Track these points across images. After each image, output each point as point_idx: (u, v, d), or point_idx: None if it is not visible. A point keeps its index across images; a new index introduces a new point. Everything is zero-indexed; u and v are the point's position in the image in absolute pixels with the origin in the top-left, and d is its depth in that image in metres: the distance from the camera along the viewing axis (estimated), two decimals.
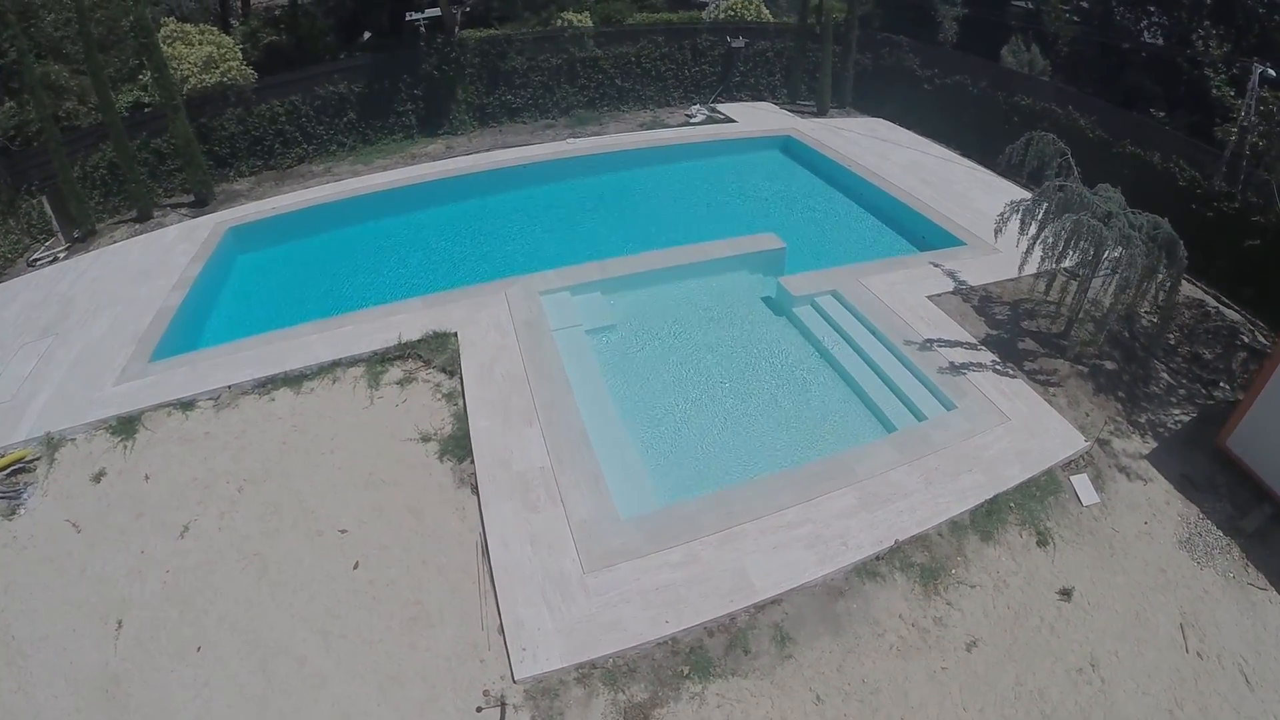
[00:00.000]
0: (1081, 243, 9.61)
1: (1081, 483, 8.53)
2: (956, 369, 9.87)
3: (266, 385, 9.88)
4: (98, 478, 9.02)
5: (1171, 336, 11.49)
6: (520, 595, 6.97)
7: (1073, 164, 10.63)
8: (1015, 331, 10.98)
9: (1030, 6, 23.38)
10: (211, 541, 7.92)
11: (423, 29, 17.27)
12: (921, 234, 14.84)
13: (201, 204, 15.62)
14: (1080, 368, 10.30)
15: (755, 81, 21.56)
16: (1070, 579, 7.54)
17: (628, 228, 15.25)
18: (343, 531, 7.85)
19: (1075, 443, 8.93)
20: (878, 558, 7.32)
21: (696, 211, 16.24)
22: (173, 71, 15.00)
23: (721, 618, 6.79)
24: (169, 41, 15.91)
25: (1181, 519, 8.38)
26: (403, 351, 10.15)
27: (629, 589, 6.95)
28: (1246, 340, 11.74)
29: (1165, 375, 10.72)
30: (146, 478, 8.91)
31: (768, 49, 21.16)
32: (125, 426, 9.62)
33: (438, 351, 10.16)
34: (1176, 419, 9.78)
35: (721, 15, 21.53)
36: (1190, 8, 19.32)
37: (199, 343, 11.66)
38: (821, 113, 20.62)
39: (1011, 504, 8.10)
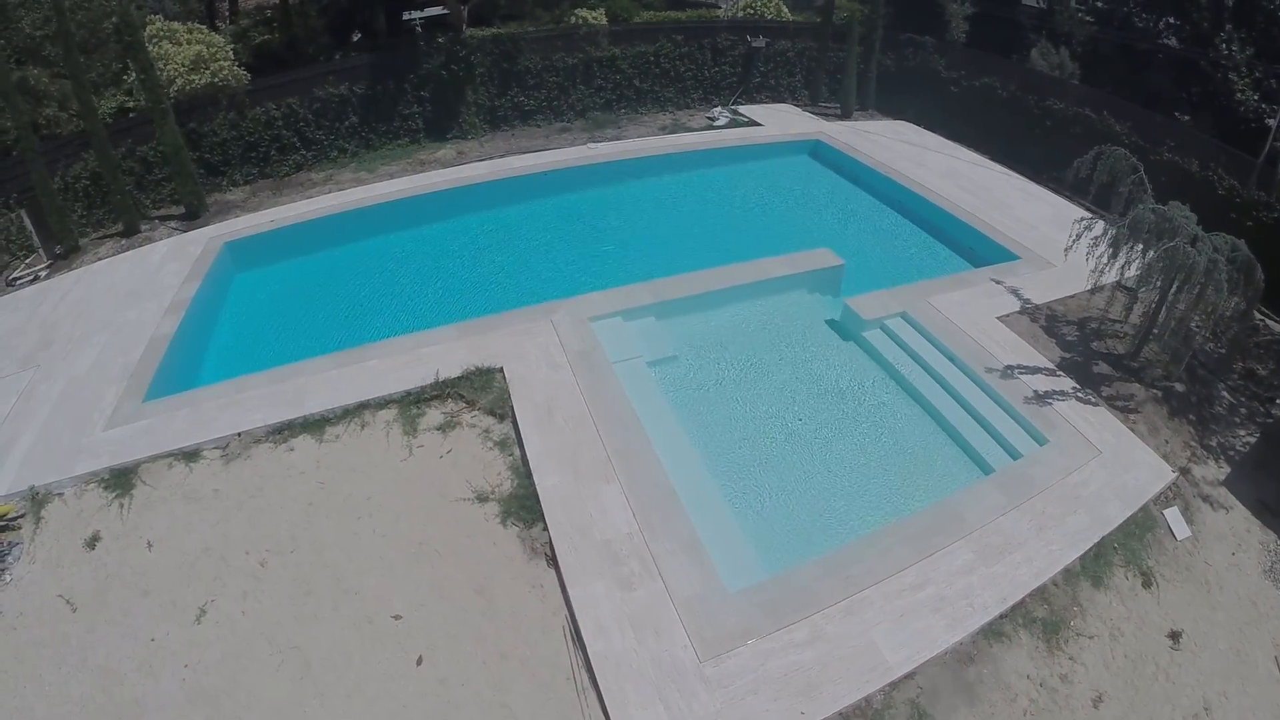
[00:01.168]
0: (1176, 275, 9.09)
1: (1174, 516, 8.29)
2: (1041, 398, 9.34)
3: (283, 431, 8.68)
4: (91, 542, 7.81)
5: (1222, 350, 11.03)
6: (631, 694, 5.94)
7: (1146, 181, 10.23)
8: (1087, 353, 10.46)
9: (1042, 6, 22.81)
10: (235, 628, 6.74)
11: (419, 29, 15.99)
12: (970, 245, 14.09)
13: (192, 216, 14.28)
14: (1154, 391, 9.91)
15: (775, 83, 20.64)
16: (1177, 620, 7.37)
17: (663, 240, 14.26)
18: (397, 618, 6.70)
19: (1164, 474, 8.62)
20: (1002, 616, 6.85)
21: (731, 222, 15.32)
22: (159, 72, 13.63)
23: (858, 702, 6.08)
24: (155, 40, 14.52)
25: (1263, 547, 8.28)
26: (441, 390, 9.00)
27: (754, 677, 6.10)
28: None
29: (1226, 395, 10.41)
30: (149, 545, 7.70)
31: (788, 49, 20.25)
32: (120, 480, 8.40)
33: (482, 390, 9.02)
34: (1244, 440, 9.60)
35: (740, 13, 20.54)
36: (1211, 10, 18.78)
37: (199, 378, 10.43)
38: (845, 115, 19.78)
39: (1115, 545, 7.75)
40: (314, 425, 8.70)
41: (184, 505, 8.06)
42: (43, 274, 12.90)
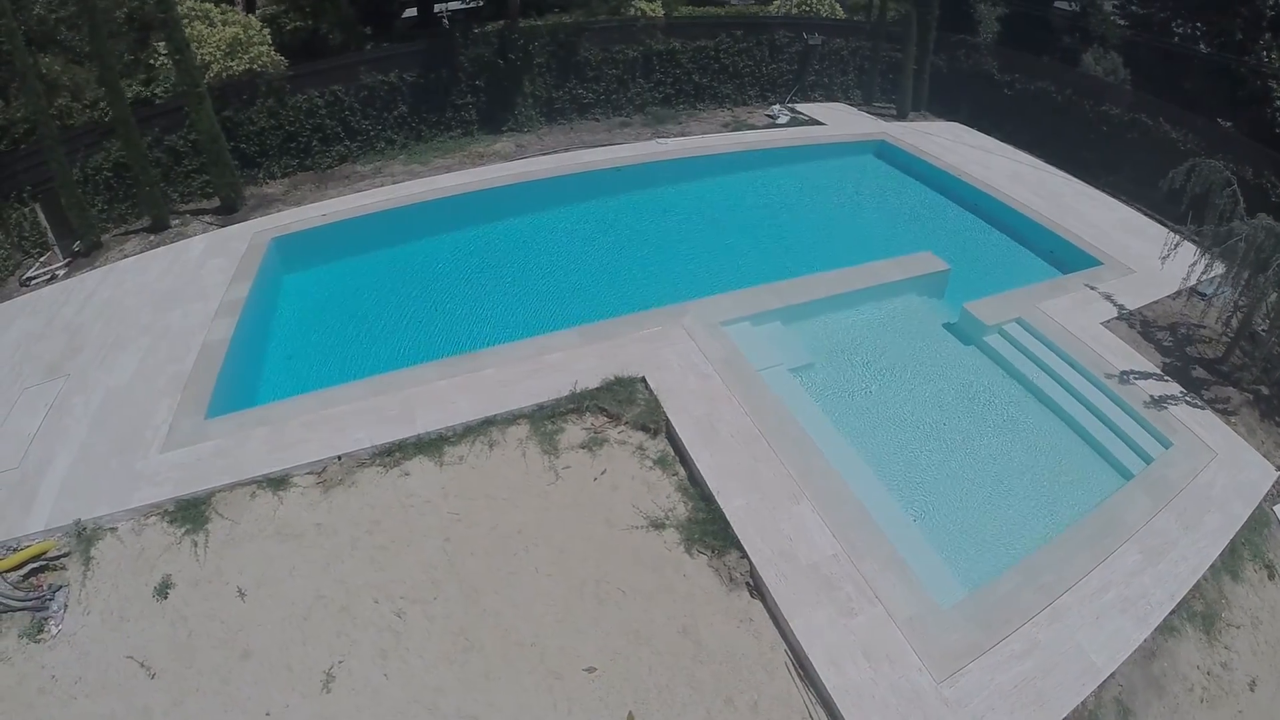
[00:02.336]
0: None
1: None
2: (1156, 402, 9.41)
3: (393, 453, 7.27)
4: (163, 590, 6.37)
5: None
6: None
7: (1240, 196, 10.19)
8: (1184, 358, 10.55)
9: (1075, 8, 22.50)
10: (381, 697, 5.31)
11: (446, 22, 14.85)
12: (1051, 249, 13.49)
13: (229, 210, 12.78)
14: (1246, 395, 10.01)
15: (829, 81, 19.85)
16: None
17: (749, 241, 13.26)
18: (591, 671, 5.36)
19: (1269, 473, 8.74)
20: (1172, 612, 6.98)
21: (812, 221, 14.50)
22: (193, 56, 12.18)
23: (1078, 706, 5.96)
24: (187, 21, 13.06)
25: None
26: (578, 403, 7.68)
27: (989, 693, 5.84)
28: None
29: None
30: (241, 594, 6.22)
31: (842, 47, 19.45)
32: (189, 513, 6.97)
33: (625, 403, 7.77)
34: None
35: (794, 9, 19.72)
36: (1249, 17, 18.46)
37: (266, 391, 9.01)
38: (901, 115, 19.01)
39: (1243, 541, 7.87)
40: (430, 446, 7.30)
41: (279, 544, 6.61)
42: (60, 273, 11.33)
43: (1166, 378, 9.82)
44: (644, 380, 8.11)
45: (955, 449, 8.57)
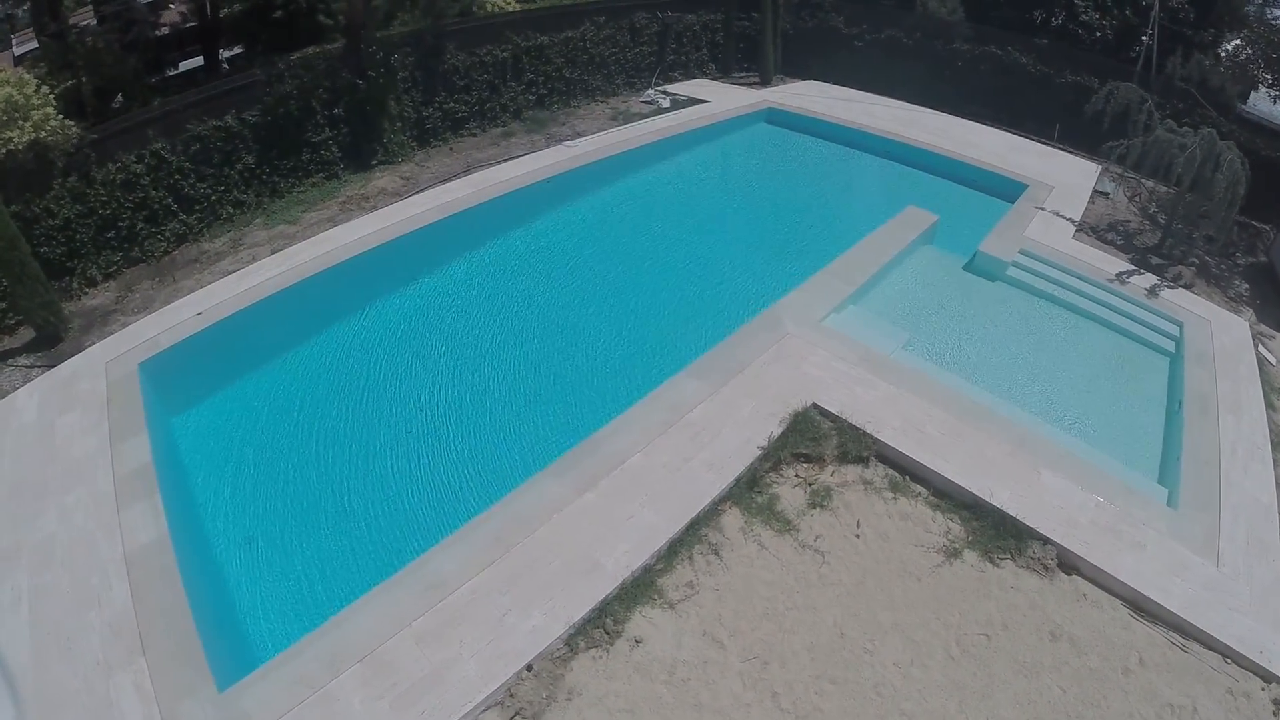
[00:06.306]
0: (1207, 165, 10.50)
1: (1263, 351, 9.72)
2: (1150, 291, 10.45)
3: (599, 623, 5.28)
4: None
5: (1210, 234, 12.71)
6: None
7: (1154, 111, 11.69)
8: (1136, 250, 11.67)
9: None
10: None
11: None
12: (972, 179, 14.25)
13: (50, 341, 9.05)
14: (1189, 268, 11.41)
15: (686, 59, 19.26)
16: None
17: (709, 233, 12.51)
18: None
19: (1242, 325, 10.10)
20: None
21: (754, 197, 14.32)
22: None
23: None
24: None
25: None
26: (771, 458, 6.35)
27: None
28: None
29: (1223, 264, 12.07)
30: None
31: (694, 23, 18.89)
32: None
33: (815, 439, 6.60)
34: (1246, 289, 11.40)
35: None
36: None
37: (275, 603, 6.21)
38: (765, 82, 19.11)
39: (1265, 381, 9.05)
40: (639, 591, 5.44)
41: None
42: None
43: (1141, 270, 10.97)
44: (816, 406, 7.02)
45: (1055, 372, 9.01)
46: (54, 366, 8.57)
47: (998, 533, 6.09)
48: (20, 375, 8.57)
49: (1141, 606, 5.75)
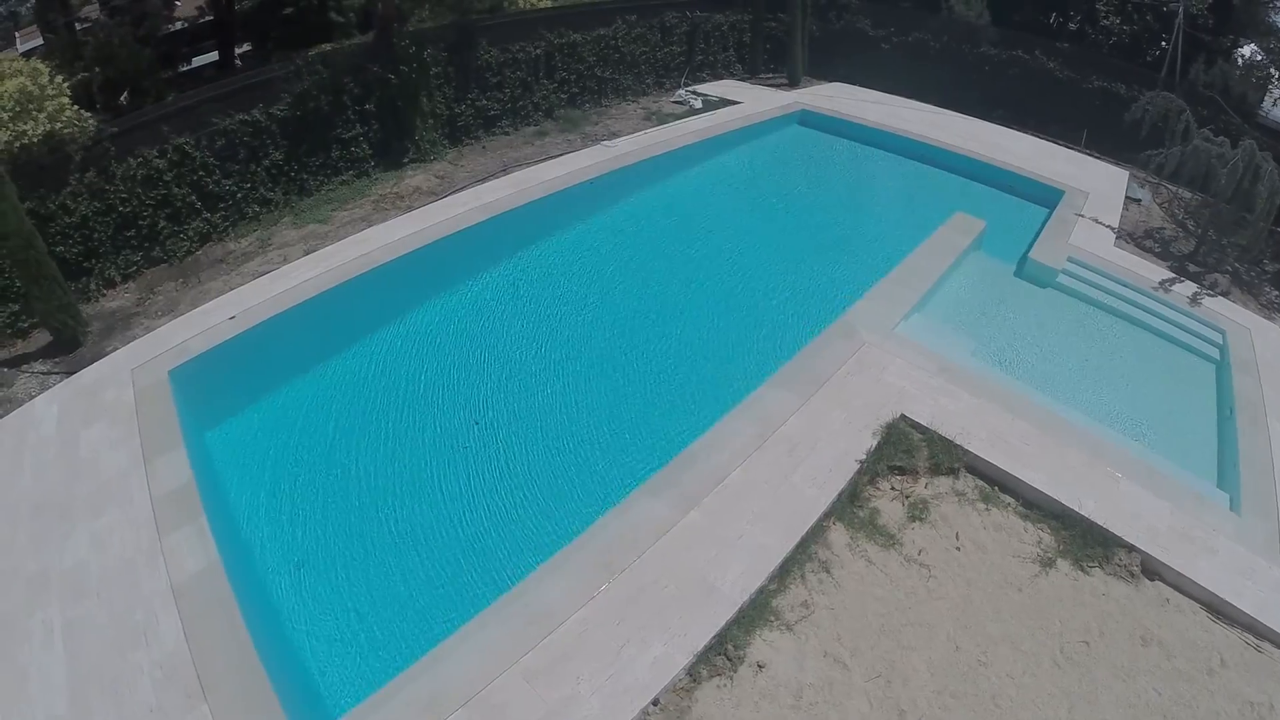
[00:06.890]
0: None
1: None
2: (1191, 299, 10.23)
3: (721, 650, 4.91)
4: None
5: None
6: None
7: (1192, 121, 11.63)
8: (1174, 258, 11.49)
9: None
10: None
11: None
12: (1009, 184, 13.83)
13: (69, 346, 8.38)
14: (1224, 275, 11.23)
15: (714, 60, 18.85)
16: None
17: (760, 236, 11.96)
18: None
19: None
20: None
21: (794, 198, 13.69)
22: None
23: None
24: None
25: None
26: (868, 472, 6.04)
27: None
28: None
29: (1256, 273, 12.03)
30: None
31: (722, 23, 18.48)
32: None
33: (907, 451, 6.33)
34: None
35: None
36: None
37: (346, 652, 5.52)
38: (794, 84, 18.68)
39: None
40: (757, 614, 5.11)
41: None
42: None
43: (1180, 279, 10.77)
44: (904, 417, 6.72)
45: (1113, 379, 8.88)
46: (74, 373, 7.86)
47: (1085, 541, 6.17)
48: (37, 382, 7.84)
49: (1218, 609, 5.87)
